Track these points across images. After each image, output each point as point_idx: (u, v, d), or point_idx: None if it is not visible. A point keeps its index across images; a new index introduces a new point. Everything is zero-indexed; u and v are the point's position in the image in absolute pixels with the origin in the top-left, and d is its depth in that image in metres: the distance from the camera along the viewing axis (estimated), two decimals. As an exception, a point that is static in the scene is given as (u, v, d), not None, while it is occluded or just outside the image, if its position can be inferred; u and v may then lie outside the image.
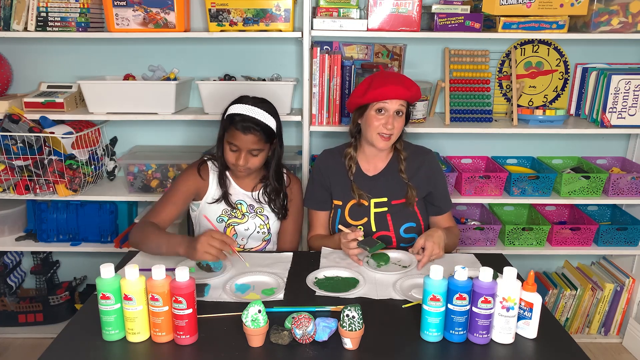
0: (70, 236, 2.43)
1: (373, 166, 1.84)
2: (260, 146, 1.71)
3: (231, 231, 1.81)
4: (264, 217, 1.85)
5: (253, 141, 1.68)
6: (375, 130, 1.71)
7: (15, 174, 2.25)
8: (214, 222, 1.80)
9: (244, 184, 1.85)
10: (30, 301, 2.56)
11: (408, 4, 2.10)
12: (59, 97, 2.25)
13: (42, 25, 2.14)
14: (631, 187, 2.33)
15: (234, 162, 1.72)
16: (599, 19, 2.11)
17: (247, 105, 1.70)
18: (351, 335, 1.20)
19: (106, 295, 1.22)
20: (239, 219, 1.82)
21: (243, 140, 1.68)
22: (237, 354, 1.21)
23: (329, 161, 1.86)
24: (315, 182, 1.88)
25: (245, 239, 1.84)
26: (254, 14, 2.12)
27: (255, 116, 1.68)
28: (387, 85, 1.67)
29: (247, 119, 1.67)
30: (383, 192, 1.80)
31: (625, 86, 2.20)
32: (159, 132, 2.54)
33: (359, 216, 1.81)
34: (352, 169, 1.81)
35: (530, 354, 1.24)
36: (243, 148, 1.69)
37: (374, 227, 1.79)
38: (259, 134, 1.68)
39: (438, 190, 1.85)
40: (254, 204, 1.84)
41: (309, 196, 1.90)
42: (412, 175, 1.81)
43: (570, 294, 2.50)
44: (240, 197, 1.83)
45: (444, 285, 1.23)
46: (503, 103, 2.46)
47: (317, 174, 1.87)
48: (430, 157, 1.85)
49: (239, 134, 1.67)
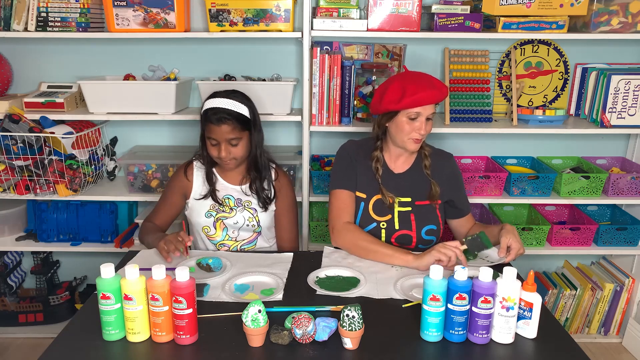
0: (70, 236, 2.43)
1: (399, 164, 1.84)
2: (237, 134, 1.76)
3: (221, 225, 1.86)
4: (252, 210, 1.88)
5: (228, 131, 1.74)
6: (408, 136, 1.71)
7: (15, 174, 2.25)
8: (202, 217, 1.86)
9: (231, 178, 1.89)
10: (30, 301, 2.56)
11: (408, 4, 2.10)
12: (59, 97, 2.25)
13: (42, 25, 2.14)
14: (631, 187, 2.33)
15: (217, 156, 1.78)
16: (598, 19, 2.12)
17: (218, 98, 1.78)
18: (351, 335, 1.20)
19: (106, 295, 1.22)
20: (227, 213, 1.87)
21: (219, 132, 1.74)
22: (237, 354, 1.21)
23: (357, 152, 1.83)
24: (343, 164, 1.83)
25: (237, 232, 1.88)
26: (254, 14, 2.12)
27: (226, 107, 1.75)
28: (424, 91, 1.64)
29: (219, 110, 1.74)
30: (408, 191, 1.80)
31: (625, 86, 2.21)
32: (159, 132, 2.54)
33: (383, 212, 1.79)
34: (380, 172, 1.80)
35: (530, 354, 1.24)
36: (221, 140, 1.75)
37: (397, 225, 1.78)
38: (232, 123, 1.74)
39: (461, 193, 1.87)
40: (242, 197, 1.89)
41: (337, 177, 1.82)
42: (435, 175, 1.82)
43: (570, 294, 2.50)
44: (229, 192, 1.88)
45: (443, 285, 1.23)
46: (503, 103, 2.46)
47: (345, 158, 1.83)
48: (452, 162, 1.87)
49: (213, 126, 1.74)
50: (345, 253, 1.72)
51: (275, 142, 2.53)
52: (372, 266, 1.63)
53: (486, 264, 1.61)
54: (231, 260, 1.65)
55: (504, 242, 1.62)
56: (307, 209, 2.32)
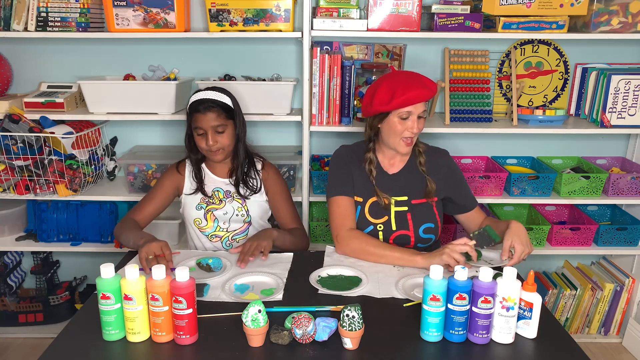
0: (70, 236, 2.43)
1: (394, 165, 1.83)
2: (222, 121, 1.82)
3: (211, 216, 1.92)
4: (241, 200, 1.93)
5: (213, 118, 1.80)
6: (400, 136, 1.71)
7: (15, 174, 2.25)
8: (194, 210, 1.91)
9: (220, 171, 1.94)
10: (30, 301, 2.56)
11: (408, 4, 2.10)
12: (59, 97, 2.25)
13: (42, 25, 2.14)
14: (631, 187, 2.33)
15: (205, 146, 1.83)
16: (598, 19, 2.12)
17: (201, 91, 1.87)
18: (351, 335, 1.20)
19: (106, 295, 1.22)
20: (217, 205, 1.92)
21: (205, 120, 1.80)
22: (237, 354, 1.21)
23: (350, 156, 1.84)
24: (339, 169, 1.83)
25: (227, 222, 1.93)
26: (254, 14, 2.12)
27: (211, 97, 1.84)
28: (414, 90, 1.64)
29: (203, 101, 1.82)
30: (404, 190, 1.80)
31: (625, 86, 2.20)
32: (159, 132, 2.54)
33: (379, 214, 1.79)
34: (374, 173, 1.80)
35: (530, 354, 1.24)
36: (207, 128, 1.81)
37: (394, 226, 1.78)
38: (217, 110, 1.81)
39: (462, 188, 1.86)
40: (230, 189, 1.93)
41: (334, 184, 1.82)
42: (431, 172, 1.82)
43: (570, 294, 2.50)
44: (218, 185, 1.93)
45: (443, 285, 1.23)
46: (503, 103, 2.46)
47: (341, 163, 1.83)
48: (448, 158, 1.87)
49: (199, 115, 1.81)
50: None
51: (275, 142, 2.53)
52: (374, 266, 1.63)
53: (488, 266, 1.60)
54: (231, 260, 1.65)
55: (507, 244, 1.59)
56: (307, 209, 2.32)
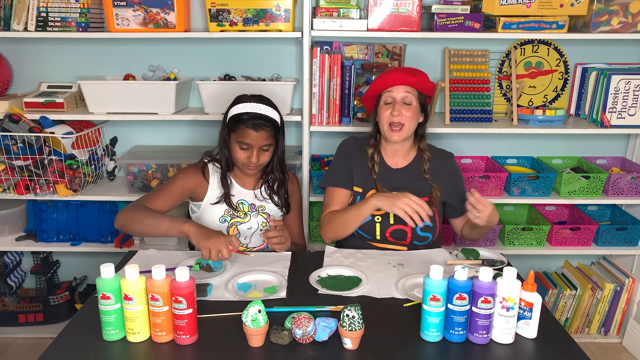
0: (70, 236, 2.43)
1: (397, 160, 1.85)
2: (270, 141, 1.75)
3: (234, 230, 1.82)
4: (266, 215, 1.86)
5: (264, 137, 1.72)
6: (386, 121, 1.75)
7: (15, 174, 2.25)
8: (217, 222, 1.80)
9: (246, 183, 1.86)
10: (30, 301, 2.56)
11: (408, 4, 2.10)
12: (59, 97, 2.25)
13: (42, 25, 2.14)
14: (631, 187, 2.33)
15: (245, 161, 1.74)
16: (598, 19, 2.11)
17: (250, 103, 1.74)
18: (351, 335, 1.20)
19: (106, 295, 1.22)
20: (242, 218, 1.83)
21: (255, 138, 1.71)
22: (237, 354, 1.21)
23: (355, 147, 1.87)
24: (339, 162, 1.88)
25: (249, 238, 1.85)
26: (254, 14, 2.12)
27: (263, 112, 1.73)
28: (393, 72, 1.75)
29: (256, 116, 1.71)
30: (406, 187, 1.79)
31: (625, 86, 2.20)
32: (159, 132, 2.54)
33: None
34: (375, 168, 1.82)
35: (530, 354, 1.24)
36: (255, 145, 1.72)
37: (392, 219, 1.78)
38: (270, 129, 1.73)
39: (461, 192, 1.87)
40: (256, 202, 1.85)
41: (331, 174, 1.87)
42: (435, 174, 1.83)
43: (570, 294, 2.50)
44: (243, 197, 1.84)
45: (443, 285, 1.23)
46: (503, 103, 2.46)
47: (342, 154, 1.88)
48: (452, 162, 1.89)
49: (250, 132, 1.71)
50: (346, 252, 1.72)
51: (275, 142, 2.53)
52: (373, 266, 1.63)
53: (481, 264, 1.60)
54: (231, 260, 1.65)
55: (472, 198, 1.62)
56: (307, 209, 2.32)
